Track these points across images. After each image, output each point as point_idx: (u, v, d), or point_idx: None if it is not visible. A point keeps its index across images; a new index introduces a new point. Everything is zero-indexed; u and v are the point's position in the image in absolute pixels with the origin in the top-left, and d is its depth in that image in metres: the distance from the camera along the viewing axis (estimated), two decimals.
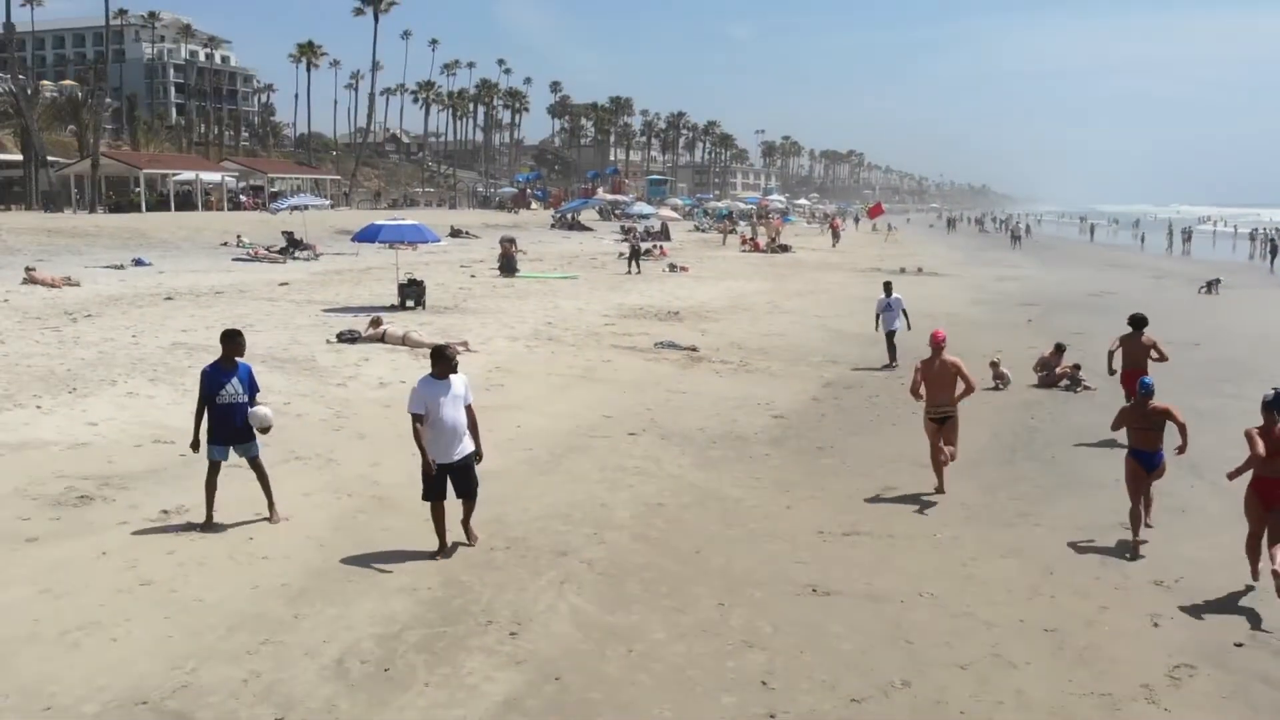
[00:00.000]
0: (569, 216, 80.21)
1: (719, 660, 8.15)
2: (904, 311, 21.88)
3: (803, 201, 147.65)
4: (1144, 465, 11.20)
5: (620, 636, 8.49)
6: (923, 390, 12.98)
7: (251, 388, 10.68)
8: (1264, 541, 9.74)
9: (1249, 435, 9.71)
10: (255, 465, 10.71)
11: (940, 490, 12.84)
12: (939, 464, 12.92)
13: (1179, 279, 45.25)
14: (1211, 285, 39.54)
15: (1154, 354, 15.39)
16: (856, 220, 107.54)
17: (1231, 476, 10.07)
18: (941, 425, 12.84)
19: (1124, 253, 71.47)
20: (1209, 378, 20.20)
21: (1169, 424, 11.17)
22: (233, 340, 10.66)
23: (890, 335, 21.79)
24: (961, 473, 13.63)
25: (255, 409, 10.73)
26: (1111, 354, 15.89)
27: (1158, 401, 11.23)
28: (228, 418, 10.44)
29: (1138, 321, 15.73)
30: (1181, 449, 11.13)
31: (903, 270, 46.69)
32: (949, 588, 9.75)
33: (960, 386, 12.81)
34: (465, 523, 10.23)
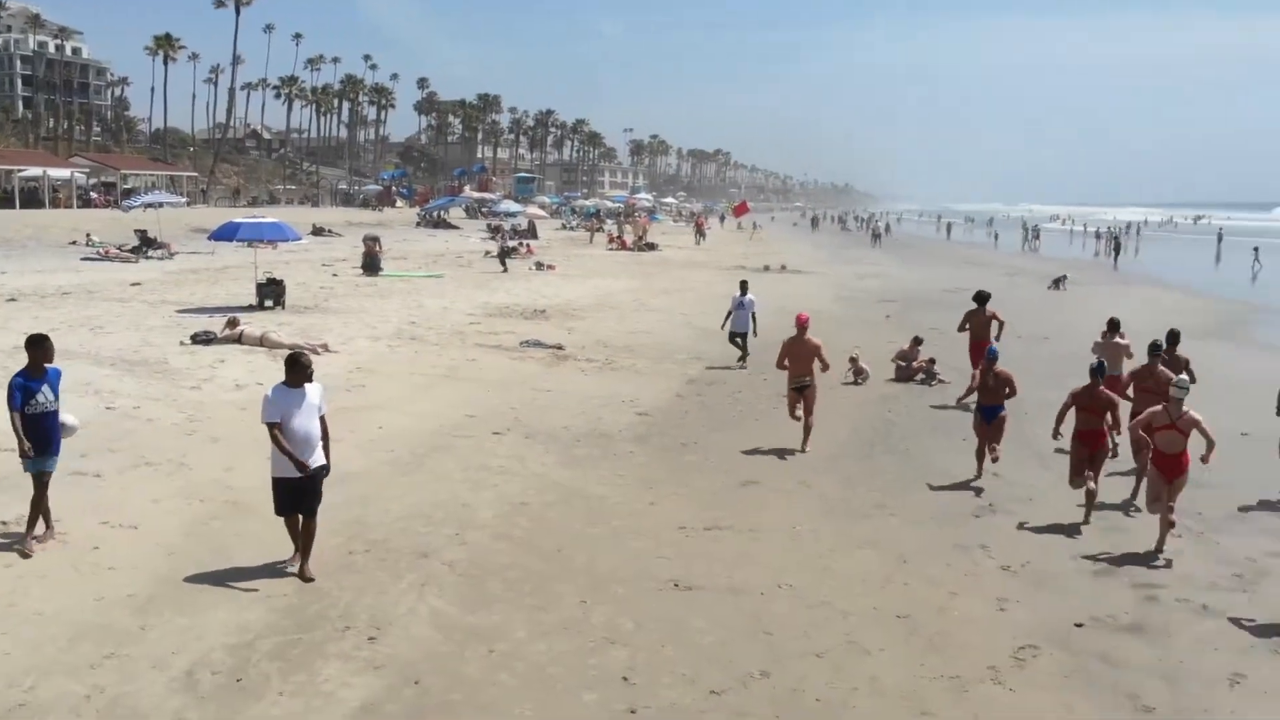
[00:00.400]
0: (435, 214, 79.33)
1: (581, 658, 8.16)
2: (753, 316, 21.85)
3: (670, 200, 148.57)
4: (985, 418, 13.51)
5: (482, 637, 8.44)
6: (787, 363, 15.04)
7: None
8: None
9: (1070, 395, 12.14)
10: (44, 480, 9.87)
11: (803, 449, 14.70)
12: (795, 418, 14.99)
13: (1030, 276, 46.85)
14: (1059, 282, 41.20)
15: (995, 325, 18.17)
16: (722, 219, 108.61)
17: (1054, 433, 12.44)
18: (800, 393, 14.88)
19: (979, 250, 73.79)
20: (1057, 372, 20.86)
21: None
22: (40, 345, 9.90)
23: (739, 336, 21.75)
24: (821, 467, 14.00)
25: (65, 418, 10.25)
26: (962, 324, 18.80)
27: (1000, 368, 13.55)
28: (38, 427, 9.77)
29: (981, 297, 18.83)
30: (1011, 395, 13.55)
31: (767, 268, 47.36)
32: (807, 579, 9.94)
33: (818, 365, 15.01)
34: (303, 557, 9.52)
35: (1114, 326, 16.27)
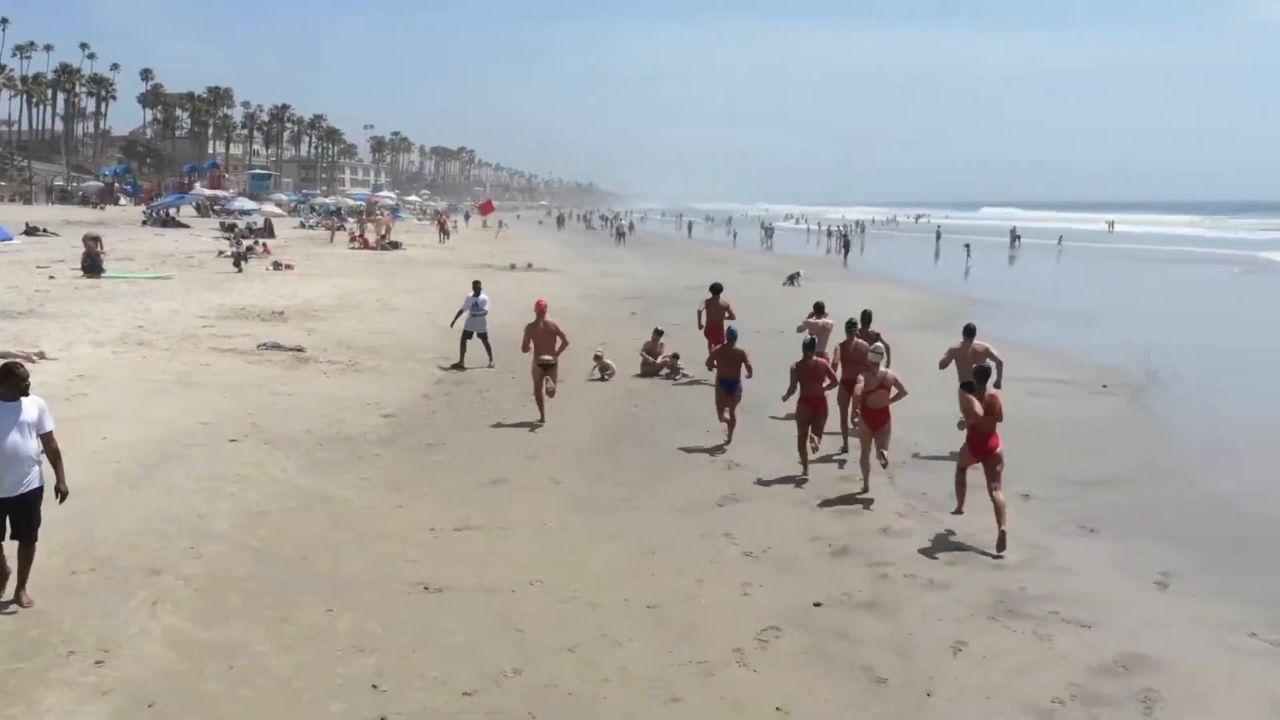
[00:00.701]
0: (163, 212, 75.35)
1: (327, 667, 7.94)
2: (484, 315, 21.63)
3: (414, 198, 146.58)
4: (727, 390, 15.39)
5: (220, 653, 8.08)
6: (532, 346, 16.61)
7: None
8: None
9: (790, 369, 14.11)
10: None
11: (541, 421, 16.23)
12: (541, 398, 16.46)
13: (767, 273, 48.68)
14: (794, 278, 43.03)
15: (728, 314, 20.12)
16: (467, 217, 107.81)
17: (784, 398, 14.29)
18: (546, 370, 16.50)
19: (719, 248, 76.10)
20: (791, 363, 21.84)
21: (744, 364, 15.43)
22: None
23: (479, 336, 21.47)
24: (569, 463, 14.12)
25: None
26: (700, 313, 20.96)
27: (738, 346, 15.52)
28: None
29: (715, 288, 21.01)
30: (749, 375, 15.47)
31: (513, 266, 47.35)
32: (557, 575, 10.00)
33: (560, 344, 16.70)
34: (20, 581, 8.79)
35: (819, 309, 18.35)
